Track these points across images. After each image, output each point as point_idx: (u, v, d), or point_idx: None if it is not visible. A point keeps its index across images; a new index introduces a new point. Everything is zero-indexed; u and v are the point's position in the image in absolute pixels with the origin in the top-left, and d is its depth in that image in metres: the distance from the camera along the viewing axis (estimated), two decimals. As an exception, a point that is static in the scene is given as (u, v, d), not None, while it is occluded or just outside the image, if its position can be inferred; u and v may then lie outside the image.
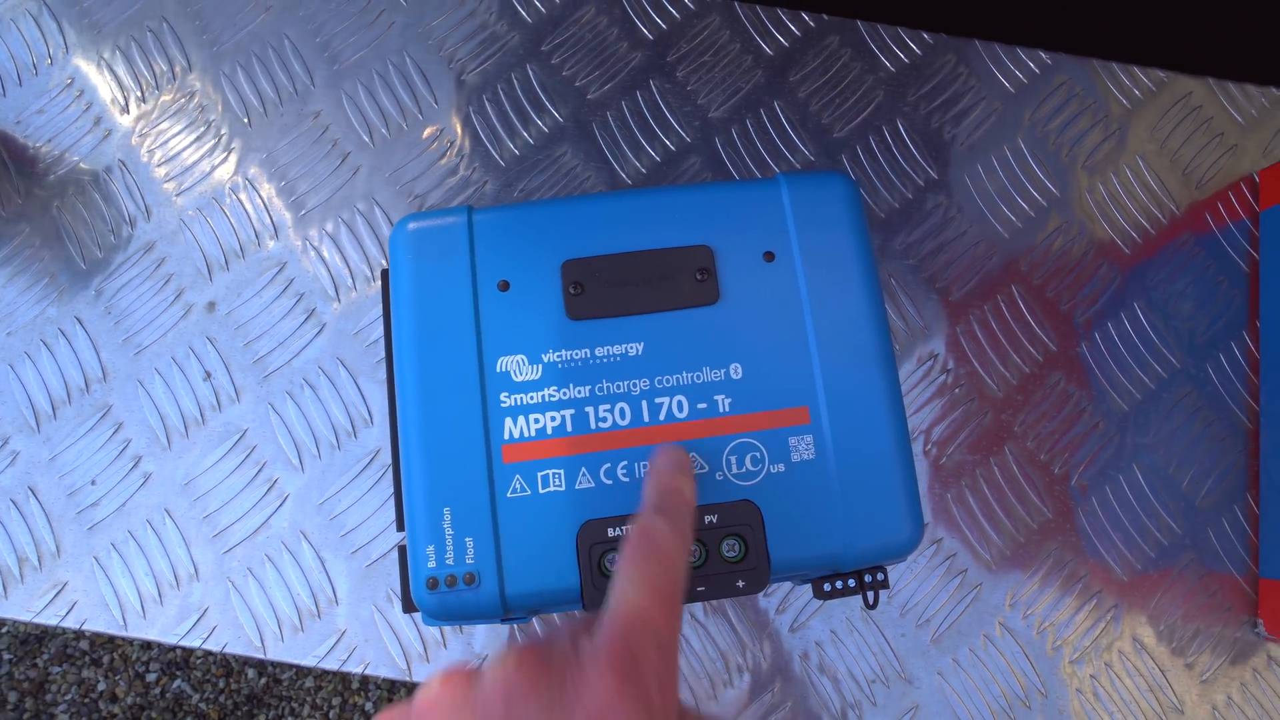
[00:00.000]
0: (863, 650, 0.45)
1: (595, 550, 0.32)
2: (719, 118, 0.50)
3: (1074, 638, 0.46)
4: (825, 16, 0.52)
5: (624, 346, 0.34)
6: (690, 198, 0.36)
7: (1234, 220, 0.52)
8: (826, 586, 0.35)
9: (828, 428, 0.33)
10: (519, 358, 0.34)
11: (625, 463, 0.33)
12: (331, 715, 1.17)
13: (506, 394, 0.34)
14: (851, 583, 0.35)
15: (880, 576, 0.35)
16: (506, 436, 0.33)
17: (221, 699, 1.17)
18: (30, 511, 0.45)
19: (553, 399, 0.33)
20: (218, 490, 0.45)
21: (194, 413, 0.46)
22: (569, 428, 0.33)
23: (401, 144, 0.49)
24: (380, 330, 0.47)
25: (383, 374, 0.46)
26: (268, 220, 0.48)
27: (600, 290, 0.34)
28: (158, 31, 0.50)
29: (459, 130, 0.50)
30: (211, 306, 0.47)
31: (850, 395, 0.34)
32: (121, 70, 0.50)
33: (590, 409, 0.34)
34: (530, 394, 0.34)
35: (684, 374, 0.34)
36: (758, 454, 0.33)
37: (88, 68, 0.50)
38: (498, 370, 0.34)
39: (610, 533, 0.32)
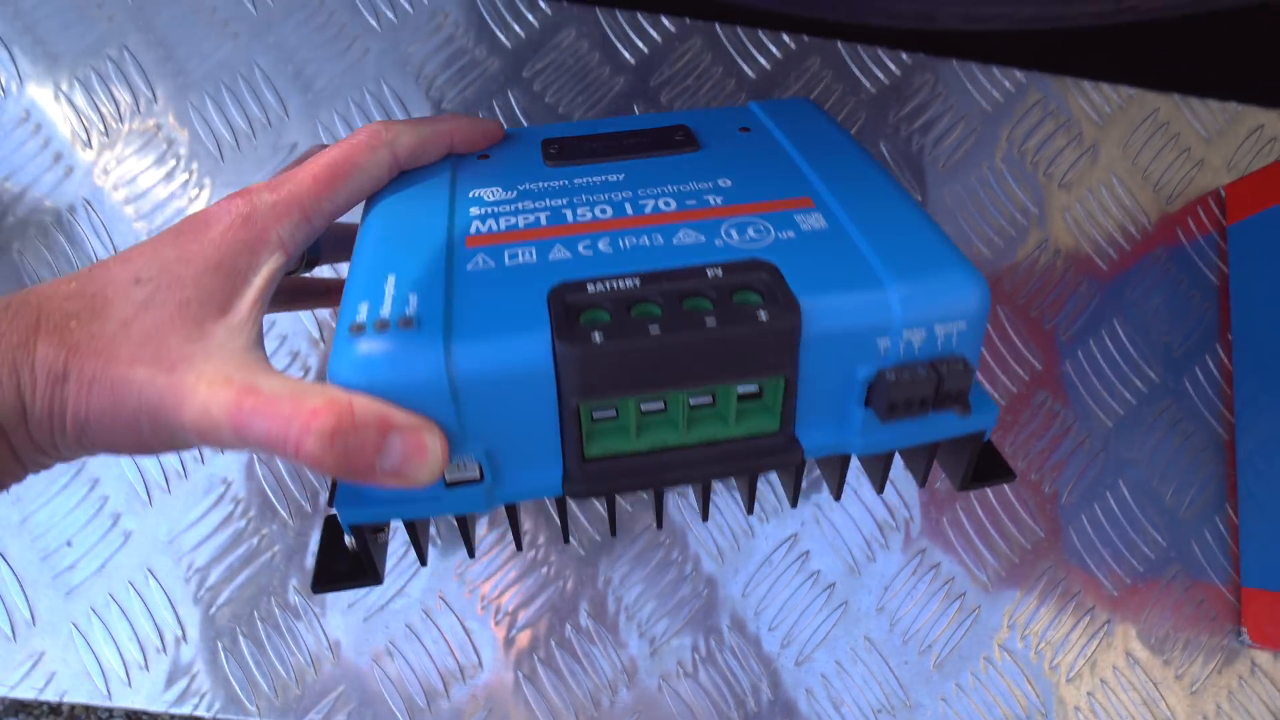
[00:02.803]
0: (867, 680, 0.45)
1: (573, 302, 0.25)
2: (706, 144, 0.50)
3: (1070, 656, 0.47)
4: (806, 38, 0.52)
5: (603, 176, 0.31)
6: (666, 116, 0.36)
7: (1203, 234, 0.53)
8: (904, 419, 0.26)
9: (837, 208, 0.29)
10: (493, 188, 0.31)
11: (608, 239, 0.27)
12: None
13: (477, 208, 0.30)
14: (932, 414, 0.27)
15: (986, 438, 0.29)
16: (473, 231, 0.28)
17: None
18: (1, 579, 0.42)
19: (527, 208, 0.30)
20: (205, 546, 0.43)
21: (175, 465, 0.44)
22: (543, 222, 0.29)
23: (382, 177, 0.48)
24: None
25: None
26: (243, 259, 0.46)
27: (579, 150, 0.33)
28: (119, 61, 0.48)
29: (441, 162, 0.48)
30: (187, 351, 0.45)
31: (855, 192, 0.29)
32: (81, 102, 0.47)
33: (568, 211, 0.29)
34: (503, 207, 0.30)
35: (669, 185, 0.31)
36: (761, 226, 0.28)
37: (45, 100, 0.47)
38: (470, 196, 0.30)
39: (591, 289, 0.25)
